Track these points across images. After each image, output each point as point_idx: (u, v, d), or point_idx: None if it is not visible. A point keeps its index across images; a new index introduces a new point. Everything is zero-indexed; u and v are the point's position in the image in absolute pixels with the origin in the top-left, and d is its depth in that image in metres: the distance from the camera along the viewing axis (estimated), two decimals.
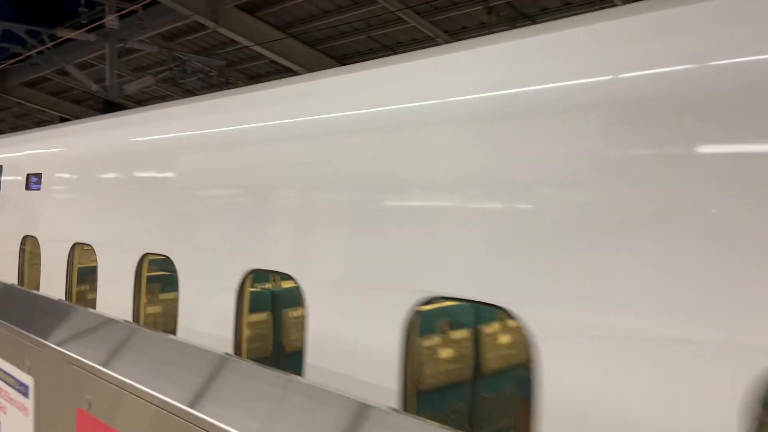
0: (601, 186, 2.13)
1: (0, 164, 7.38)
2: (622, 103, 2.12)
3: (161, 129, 4.71)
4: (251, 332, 3.78)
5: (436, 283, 2.56)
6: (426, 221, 2.66)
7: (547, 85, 2.34)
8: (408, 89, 2.94)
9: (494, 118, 2.50)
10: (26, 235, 5.83)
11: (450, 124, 2.67)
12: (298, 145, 3.41)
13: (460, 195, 2.58)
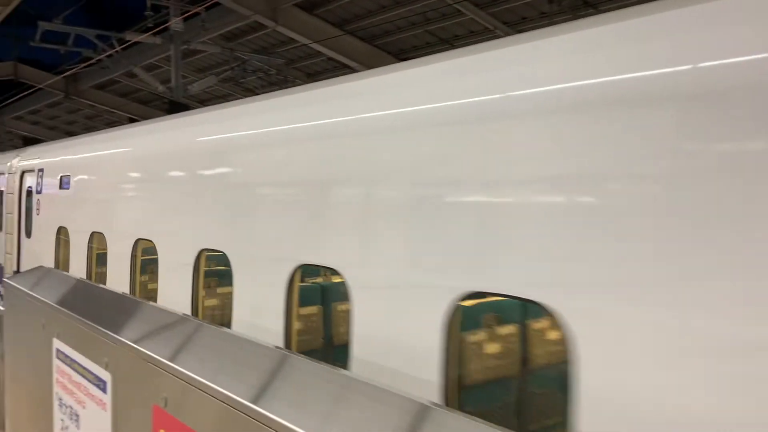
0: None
1: (42, 167, 8.40)
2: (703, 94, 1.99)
3: (213, 129, 4.92)
4: (301, 325, 3.81)
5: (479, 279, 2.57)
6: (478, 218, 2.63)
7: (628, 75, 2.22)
8: (469, 84, 2.87)
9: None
10: (93, 231, 6.22)
11: (496, 120, 2.64)
12: (340, 144, 3.47)
13: (514, 192, 2.49)
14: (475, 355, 2.98)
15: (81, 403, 2.77)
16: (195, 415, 1.94)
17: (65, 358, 2.95)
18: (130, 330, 2.46)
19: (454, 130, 2.79)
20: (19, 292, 3.63)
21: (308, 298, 3.89)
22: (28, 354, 3.53)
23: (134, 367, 2.30)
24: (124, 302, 2.89)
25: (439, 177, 2.80)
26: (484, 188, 2.60)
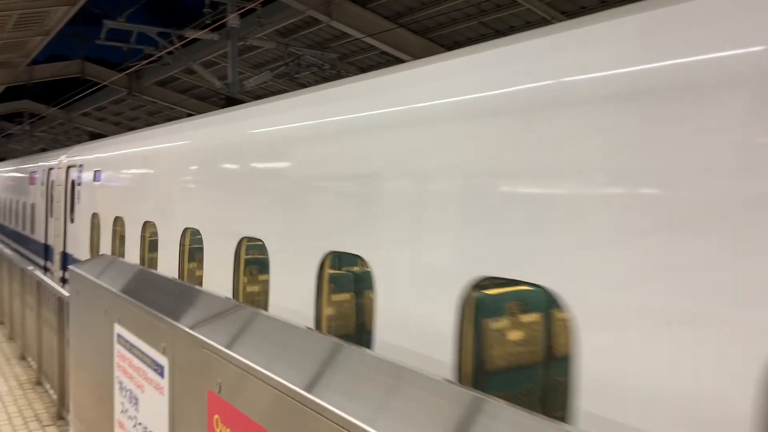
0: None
1: (82, 163, 10.02)
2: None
3: (230, 127, 5.47)
4: (332, 311, 3.99)
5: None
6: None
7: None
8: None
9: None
10: (146, 221, 6.83)
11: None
12: (375, 137, 3.64)
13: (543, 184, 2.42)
14: (489, 340, 3.02)
15: (140, 387, 2.84)
16: (249, 401, 1.96)
17: (125, 342, 3.04)
18: (187, 316, 2.50)
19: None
20: (83, 278, 3.76)
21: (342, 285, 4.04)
22: (92, 339, 3.65)
23: (190, 352, 2.33)
24: (182, 289, 2.95)
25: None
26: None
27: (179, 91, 27.35)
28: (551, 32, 2.79)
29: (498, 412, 1.38)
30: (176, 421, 2.48)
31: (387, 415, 1.49)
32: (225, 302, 2.56)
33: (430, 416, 1.44)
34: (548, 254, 2.42)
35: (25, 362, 7.74)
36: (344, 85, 4.31)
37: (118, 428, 3.18)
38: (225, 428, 2.06)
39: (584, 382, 2.20)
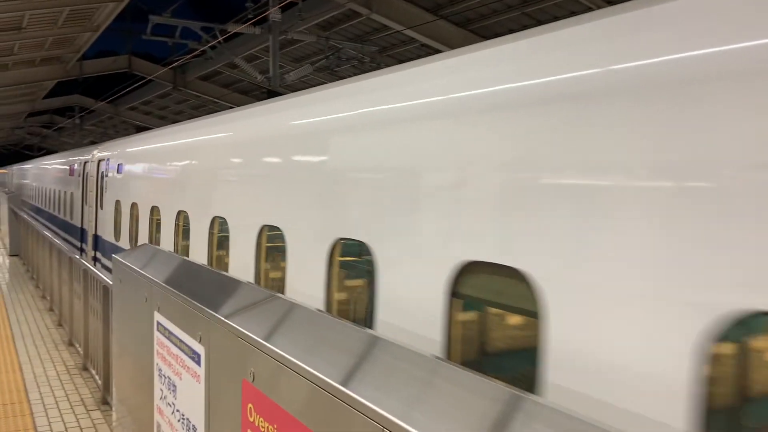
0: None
1: (109, 157, 11.64)
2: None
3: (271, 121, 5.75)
4: (343, 295, 4.22)
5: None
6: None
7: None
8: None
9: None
10: (179, 210, 7.37)
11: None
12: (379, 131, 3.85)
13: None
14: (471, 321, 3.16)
15: (178, 374, 2.88)
16: (281, 391, 1.95)
17: (164, 330, 3.08)
18: (224, 305, 2.52)
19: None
20: (126, 267, 3.84)
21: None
22: (133, 326, 3.73)
23: (225, 341, 2.35)
24: (221, 280, 2.97)
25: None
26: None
27: (222, 85, 27.77)
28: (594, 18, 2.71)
29: (536, 410, 1.34)
30: (212, 409, 2.50)
31: (422, 410, 1.46)
32: (260, 292, 2.57)
33: (465, 412, 1.41)
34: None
35: (72, 348, 8.00)
36: (369, 79, 4.39)
37: (158, 414, 3.24)
38: (258, 417, 2.07)
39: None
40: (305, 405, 1.81)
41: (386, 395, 1.55)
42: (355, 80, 4.61)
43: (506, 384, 1.47)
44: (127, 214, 9.74)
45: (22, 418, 5.65)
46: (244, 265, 5.35)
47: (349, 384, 1.65)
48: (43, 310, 10.16)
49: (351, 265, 4.18)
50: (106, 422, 5.62)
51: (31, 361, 7.40)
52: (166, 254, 3.78)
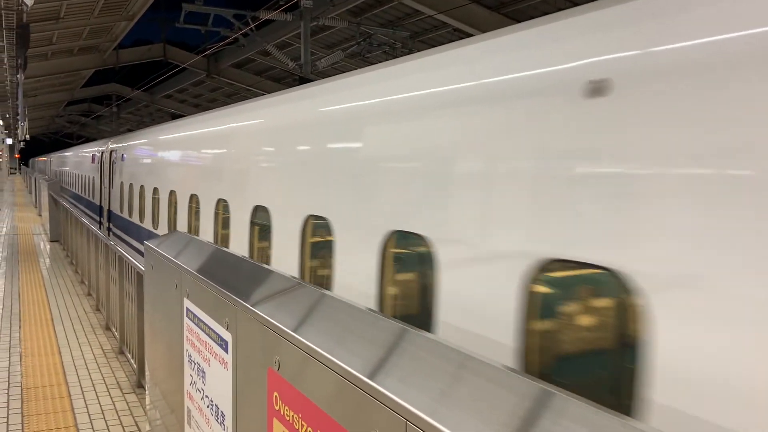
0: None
1: (117, 148, 14.93)
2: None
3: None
4: (395, 290, 3.96)
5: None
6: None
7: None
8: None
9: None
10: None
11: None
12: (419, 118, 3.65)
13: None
14: (561, 325, 2.80)
15: (206, 360, 2.90)
16: (306, 381, 1.93)
17: (194, 317, 3.10)
18: (251, 293, 2.51)
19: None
20: (157, 253, 3.88)
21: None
22: (163, 312, 3.77)
23: (252, 328, 2.34)
24: (250, 267, 2.96)
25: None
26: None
27: (255, 72, 27.93)
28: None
29: (566, 407, 1.29)
30: (239, 396, 2.50)
31: (449, 404, 1.42)
32: (288, 281, 2.55)
33: (492, 407, 1.36)
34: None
35: (109, 332, 8.18)
36: (412, 61, 4.19)
37: (188, 399, 3.27)
38: (284, 406, 2.06)
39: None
40: (330, 395, 1.79)
41: (412, 388, 1.51)
42: (427, 53, 4.20)
43: (535, 379, 1.42)
44: (127, 193, 12.91)
45: (61, 400, 5.80)
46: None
47: (374, 376, 1.61)
48: (81, 295, 10.42)
49: (407, 260, 3.91)
50: (141, 405, 5.74)
51: (70, 344, 7.59)
52: (198, 242, 3.80)
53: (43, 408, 5.57)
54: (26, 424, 5.20)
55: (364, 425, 1.59)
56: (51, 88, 35.36)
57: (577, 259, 2.54)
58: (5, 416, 5.35)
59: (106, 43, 24.59)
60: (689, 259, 2.17)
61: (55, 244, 16.41)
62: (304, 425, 1.91)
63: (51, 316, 8.96)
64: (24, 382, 6.18)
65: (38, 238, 17.62)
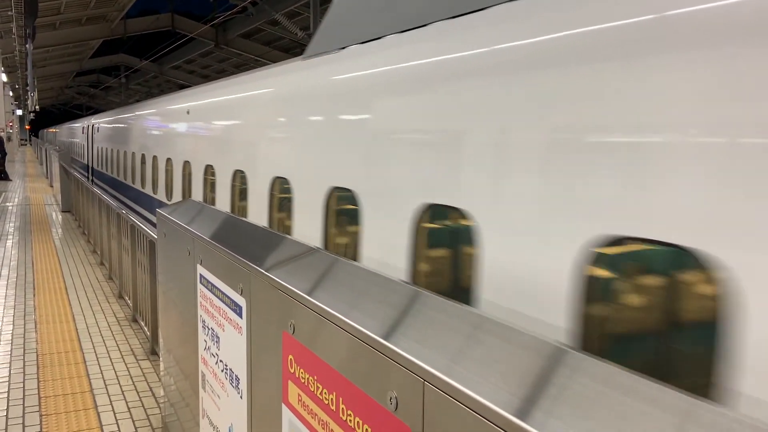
0: None
1: (95, 123, 22.08)
2: None
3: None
4: (427, 266, 3.75)
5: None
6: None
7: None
8: None
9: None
10: (236, 169, 7.05)
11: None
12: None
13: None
14: (615, 303, 2.69)
15: (220, 326, 2.92)
16: (320, 343, 1.94)
17: (207, 283, 3.12)
18: (265, 259, 2.51)
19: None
20: (169, 221, 3.88)
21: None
22: (177, 279, 3.79)
23: (266, 293, 2.35)
24: (263, 234, 2.97)
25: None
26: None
27: (263, 43, 27.67)
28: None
29: (580, 363, 1.29)
30: (254, 360, 2.52)
31: (466, 364, 1.42)
32: (301, 246, 2.55)
33: (509, 366, 1.36)
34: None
35: (122, 301, 8.27)
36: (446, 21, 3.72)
37: (202, 364, 3.30)
38: (299, 368, 2.07)
39: None
40: (345, 357, 1.79)
41: (428, 348, 1.51)
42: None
43: (550, 338, 1.42)
44: (101, 154, 19.40)
45: (76, 366, 5.89)
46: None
47: (390, 337, 1.61)
48: (94, 264, 10.52)
49: (442, 234, 3.63)
50: (155, 371, 5.82)
51: (84, 312, 7.69)
52: (210, 209, 3.80)
53: (58, 374, 5.67)
54: (42, 389, 5.30)
55: (381, 386, 1.59)
56: (60, 59, 35.22)
57: (643, 236, 2.42)
58: (21, 381, 5.45)
59: (114, 13, 24.40)
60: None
61: (67, 215, 16.53)
62: (320, 387, 1.92)
63: (65, 284, 9.06)
64: (39, 349, 6.28)
65: (50, 209, 17.75)
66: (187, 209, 3.97)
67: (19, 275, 9.49)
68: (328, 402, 1.88)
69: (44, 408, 4.95)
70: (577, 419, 1.13)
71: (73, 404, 5.04)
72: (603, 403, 1.16)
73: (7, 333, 6.77)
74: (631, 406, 1.12)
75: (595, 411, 1.14)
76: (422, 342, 1.56)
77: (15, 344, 6.42)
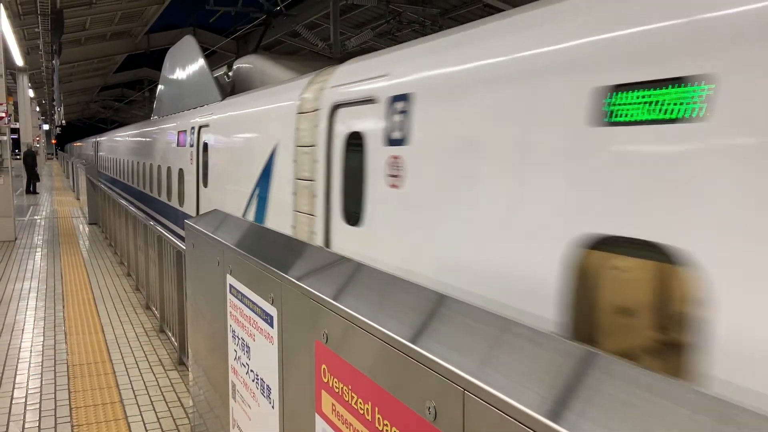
0: None
1: (101, 139, 31.14)
2: None
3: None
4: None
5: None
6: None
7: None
8: None
9: None
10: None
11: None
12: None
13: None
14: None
15: (251, 335, 2.93)
16: (354, 351, 1.94)
17: (237, 293, 3.13)
18: (294, 268, 2.52)
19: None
20: (198, 232, 3.92)
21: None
22: (206, 290, 3.82)
23: (297, 303, 2.35)
24: (291, 243, 2.98)
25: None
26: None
27: (283, 54, 27.91)
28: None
29: (611, 367, 1.27)
30: (285, 369, 2.53)
31: (493, 366, 1.41)
32: (330, 255, 2.55)
33: (537, 368, 1.35)
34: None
35: (149, 311, 8.36)
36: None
37: (232, 374, 3.32)
38: (332, 378, 2.07)
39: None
40: (381, 366, 1.79)
41: (463, 355, 1.50)
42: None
43: (576, 341, 1.40)
44: (102, 160, 25.69)
45: (105, 376, 5.96)
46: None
47: (425, 345, 1.60)
48: (121, 275, 10.65)
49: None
50: (183, 382, 5.86)
51: (112, 323, 7.78)
52: (236, 219, 3.83)
53: (89, 384, 5.74)
54: (73, 400, 5.36)
55: (418, 395, 1.58)
56: (85, 74, 35.88)
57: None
58: (53, 392, 5.52)
59: (138, 28, 24.82)
60: None
61: (94, 227, 16.79)
62: (354, 396, 1.92)
63: (93, 296, 9.19)
64: (70, 360, 6.37)
65: (77, 221, 18.04)
66: (213, 219, 4.01)
67: (48, 287, 9.65)
68: (363, 412, 1.87)
69: (75, 418, 5.01)
70: (621, 423, 1.12)
71: (103, 415, 5.09)
72: (649, 410, 1.14)
73: (38, 344, 6.87)
74: (665, 408, 1.11)
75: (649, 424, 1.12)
76: (458, 349, 1.54)
77: (46, 355, 6.51)
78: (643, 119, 2.39)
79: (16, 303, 8.66)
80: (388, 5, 17.03)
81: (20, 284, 9.83)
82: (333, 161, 4.92)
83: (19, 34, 19.78)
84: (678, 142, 2.26)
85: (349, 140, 4.67)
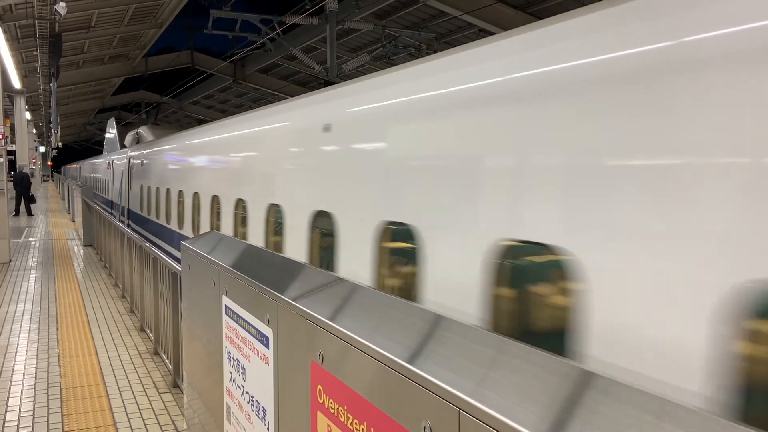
0: None
1: (132, 156, 20.50)
2: None
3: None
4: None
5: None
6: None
7: None
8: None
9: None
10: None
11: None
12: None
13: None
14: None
15: (246, 357, 2.92)
16: (350, 372, 1.94)
17: (233, 314, 3.13)
18: (291, 288, 2.53)
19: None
20: (195, 253, 3.93)
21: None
22: (202, 311, 3.82)
23: (293, 323, 2.35)
24: (286, 264, 2.99)
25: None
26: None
27: (281, 77, 28.14)
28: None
29: (609, 387, 1.28)
30: (281, 391, 2.52)
31: (497, 390, 1.42)
32: (327, 276, 2.56)
33: (534, 388, 1.36)
34: None
35: (144, 334, 8.30)
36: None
37: (227, 396, 3.30)
38: (328, 399, 2.06)
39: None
40: (377, 387, 1.79)
41: (460, 375, 1.51)
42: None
43: (571, 360, 1.42)
44: (141, 191, 19.69)
45: (99, 399, 5.90)
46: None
47: (422, 365, 1.61)
48: (115, 297, 10.60)
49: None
50: (177, 405, 5.81)
51: (106, 346, 7.73)
52: (231, 240, 3.84)
53: (81, 407, 5.68)
54: (66, 423, 5.30)
55: (414, 415, 1.59)
56: (82, 96, 36.04)
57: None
58: (45, 415, 5.46)
59: (135, 51, 25.02)
60: None
61: (89, 249, 16.74)
62: (350, 417, 1.92)
63: (87, 318, 9.13)
64: (63, 382, 6.31)
65: (72, 243, 17.99)
66: (212, 241, 4.02)
67: (42, 309, 9.59)
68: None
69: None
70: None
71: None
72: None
73: (31, 367, 6.81)
74: (663, 430, 1.12)
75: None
76: (453, 369, 1.55)
77: (39, 378, 6.45)
78: None
79: (10, 325, 8.60)
80: (384, 29, 17.25)
81: (14, 306, 9.77)
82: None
83: (17, 57, 19.92)
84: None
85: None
